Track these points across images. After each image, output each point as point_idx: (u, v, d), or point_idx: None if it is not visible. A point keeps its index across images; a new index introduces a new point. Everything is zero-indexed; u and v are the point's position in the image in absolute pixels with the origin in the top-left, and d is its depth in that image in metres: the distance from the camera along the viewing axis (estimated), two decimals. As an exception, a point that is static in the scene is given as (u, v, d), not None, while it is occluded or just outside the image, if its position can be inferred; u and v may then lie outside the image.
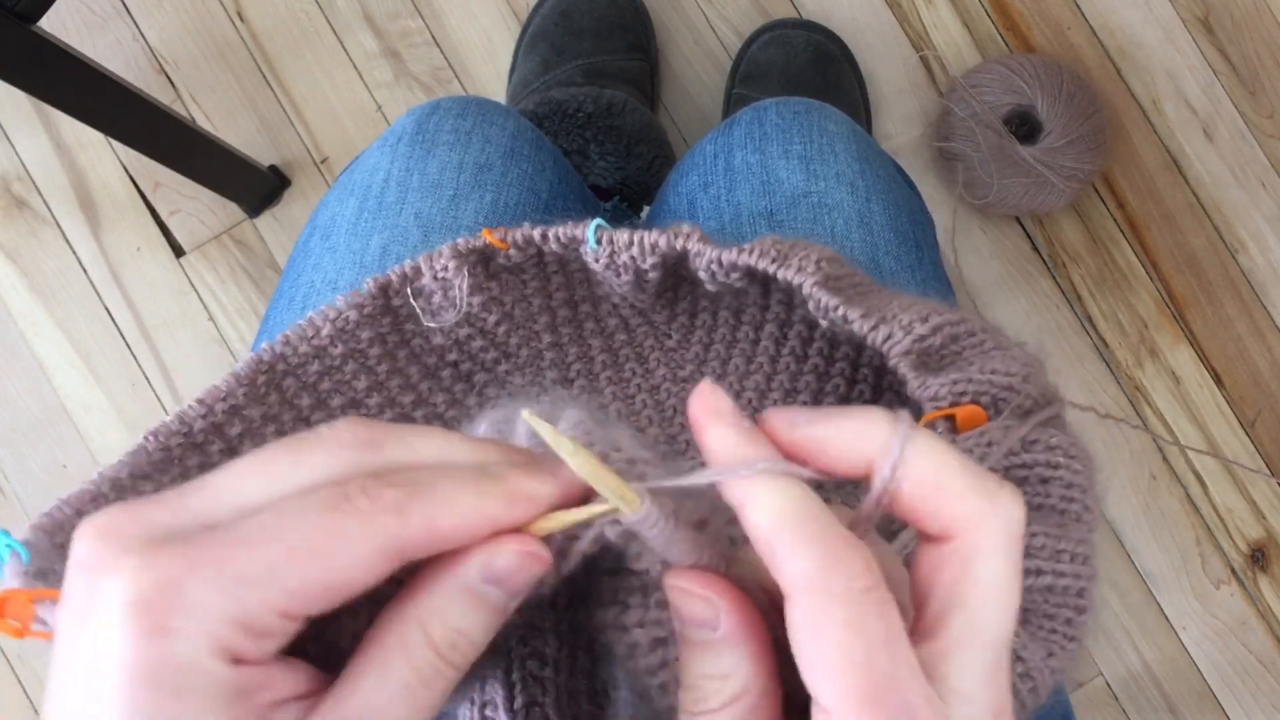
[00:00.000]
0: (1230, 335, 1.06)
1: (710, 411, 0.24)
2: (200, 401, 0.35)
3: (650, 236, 0.37)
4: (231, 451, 0.35)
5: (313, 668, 0.23)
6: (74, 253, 1.07)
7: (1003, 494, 0.22)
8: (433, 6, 1.07)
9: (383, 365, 0.40)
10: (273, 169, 1.05)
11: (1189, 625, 1.05)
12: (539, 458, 0.25)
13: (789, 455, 0.23)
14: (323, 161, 1.07)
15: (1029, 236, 1.06)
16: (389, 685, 0.22)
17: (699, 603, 0.23)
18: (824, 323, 0.34)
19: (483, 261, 0.40)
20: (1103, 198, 1.06)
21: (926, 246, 0.54)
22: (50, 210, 1.07)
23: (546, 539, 0.24)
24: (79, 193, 1.07)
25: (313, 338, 0.37)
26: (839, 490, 0.39)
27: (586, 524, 0.24)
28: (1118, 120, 1.06)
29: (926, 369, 0.32)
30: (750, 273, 0.37)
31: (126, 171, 1.07)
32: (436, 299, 0.39)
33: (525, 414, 0.24)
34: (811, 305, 0.34)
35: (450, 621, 0.23)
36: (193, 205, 1.06)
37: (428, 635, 0.22)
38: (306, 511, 0.21)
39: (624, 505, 0.22)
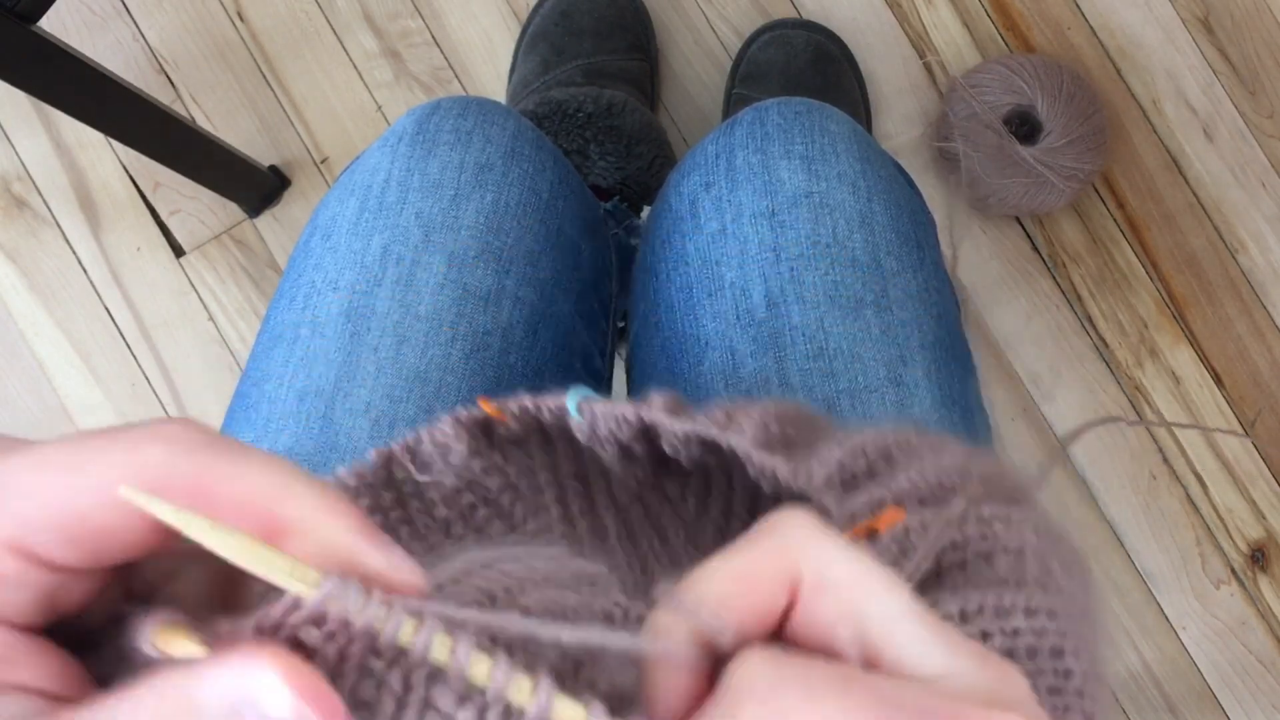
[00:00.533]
0: (1230, 335, 1.06)
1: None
2: None
3: (620, 409, 0.36)
4: None
5: (72, 661, 0.21)
6: (74, 253, 1.07)
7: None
8: (433, 6, 1.07)
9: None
10: (273, 169, 1.05)
11: (1189, 625, 1.05)
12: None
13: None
14: (323, 161, 1.07)
15: (1029, 236, 1.06)
16: None
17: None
18: (764, 485, 0.33)
19: (485, 431, 0.38)
20: (1103, 198, 1.06)
21: (928, 246, 0.54)
22: (50, 210, 1.07)
23: None
24: (79, 193, 1.07)
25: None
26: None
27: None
28: (1118, 120, 1.06)
29: (849, 492, 0.31)
30: (703, 447, 0.35)
31: (126, 171, 1.07)
32: (437, 467, 0.38)
33: (122, 490, 0.20)
34: (752, 470, 0.33)
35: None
36: (193, 205, 1.06)
37: None
38: (68, 460, 0.20)
39: (294, 584, 0.19)
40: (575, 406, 0.37)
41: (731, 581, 0.21)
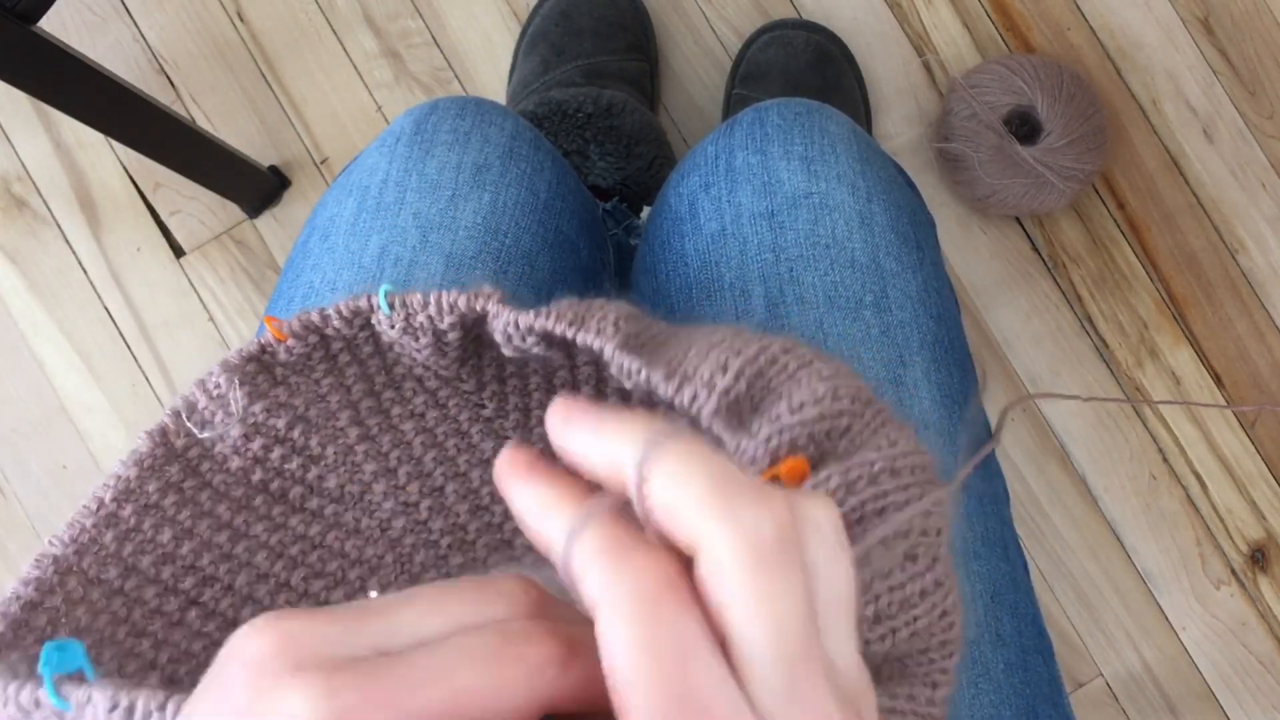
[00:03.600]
0: (1230, 336, 1.06)
1: (509, 472, 0.24)
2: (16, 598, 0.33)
3: (448, 296, 0.36)
4: (46, 638, 0.34)
5: None
6: (74, 253, 1.07)
7: (745, 509, 0.21)
8: (433, 7, 1.07)
9: (184, 512, 0.38)
10: (273, 169, 1.05)
11: (1189, 626, 1.05)
12: None
13: (562, 457, 0.24)
14: (323, 162, 1.07)
15: (1029, 237, 1.06)
16: None
17: None
18: (628, 385, 0.33)
19: (264, 370, 0.39)
20: (1103, 198, 1.06)
21: (928, 247, 0.54)
22: (50, 210, 1.07)
23: None
24: (79, 193, 1.07)
25: (98, 509, 0.36)
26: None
27: None
28: (1118, 120, 1.06)
29: (740, 422, 0.31)
30: (548, 338, 0.36)
31: (126, 172, 1.07)
32: (219, 419, 0.38)
33: None
34: (614, 369, 0.33)
35: None
36: (193, 206, 1.06)
37: None
38: (474, 652, 0.21)
39: None
40: (385, 299, 0.37)
41: (596, 444, 0.23)
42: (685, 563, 0.22)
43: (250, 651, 0.21)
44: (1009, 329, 1.06)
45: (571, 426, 0.24)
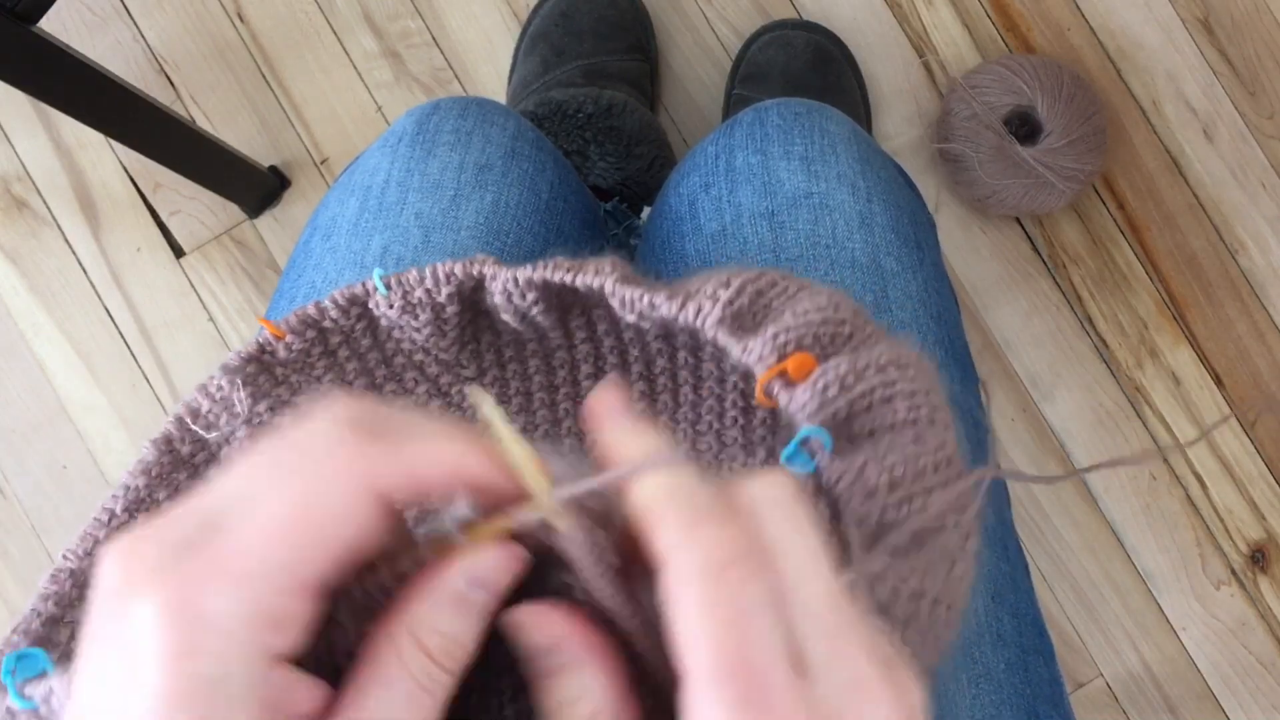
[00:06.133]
0: (1230, 336, 1.06)
1: (604, 410, 0.26)
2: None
3: (444, 266, 0.37)
4: None
5: (327, 686, 0.24)
6: (74, 253, 1.07)
7: (705, 528, 0.22)
8: (433, 7, 1.07)
9: None
10: (273, 169, 1.05)
11: (1189, 626, 1.05)
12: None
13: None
14: (323, 162, 1.07)
15: (1029, 237, 1.06)
16: (394, 696, 0.23)
17: (539, 633, 0.24)
18: (631, 317, 0.34)
19: (264, 370, 0.39)
20: (1103, 198, 1.06)
21: (928, 247, 0.54)
22: (50, 211, 1.07)
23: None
24: (79, 193, 1.07)
25: (110, 521, 0.36)
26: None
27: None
28: (1118, 121, 1.06)
29: (744, 331, 0.32)
30: (548, 300, 0.36)
31: (126, 172, 1.07)
32: (224, 421, 0.38)
33: (471, 391, 0.25)
34: (617, 303, 0.34)
35: (441, 628, 0.23)
36: (193, 206, 1.06)
37: (421, 644, 0.23)
38: (279, 481, 0.22)
39: (554, 518, 0.23)
40: (381, 280, 0.37)
41: (621, 450, 0.26)
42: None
43: (101, 583, 0.22)
44: (1009, 329, 1.06)
45: (609, 424, 0.26)
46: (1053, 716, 0.48)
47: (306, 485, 0.22)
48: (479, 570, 0.24)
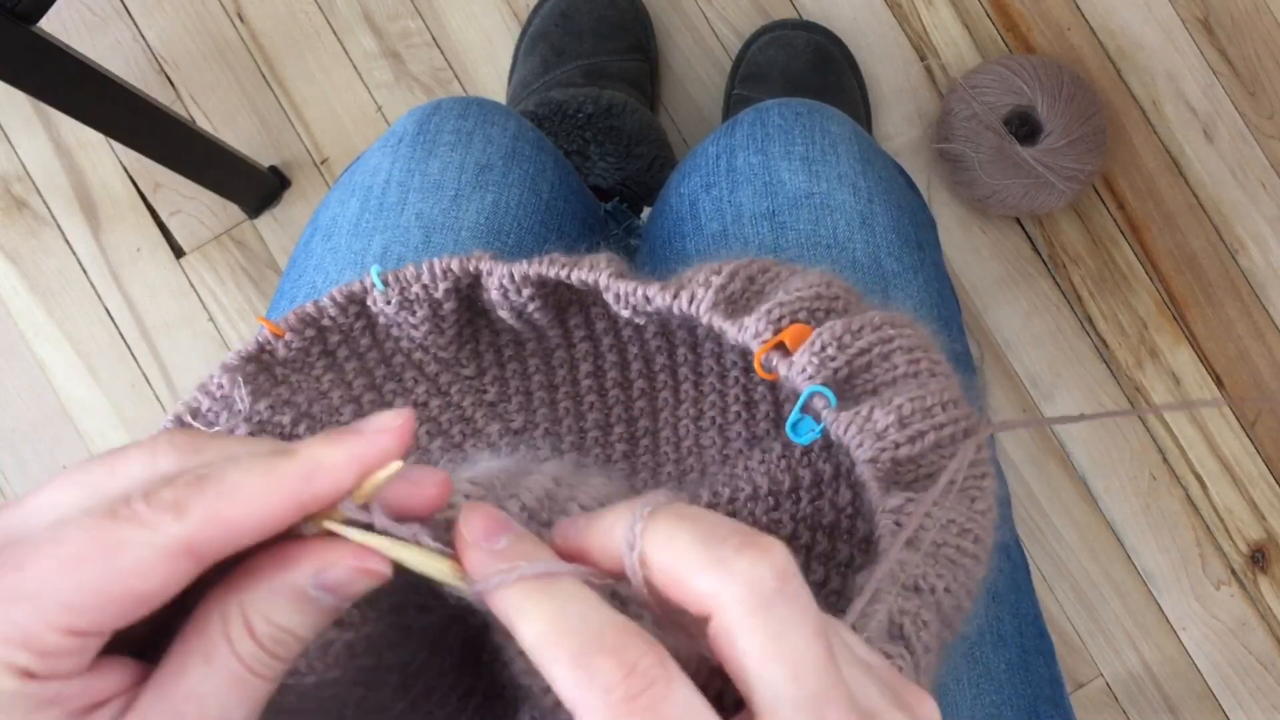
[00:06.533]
0: (1230, 336, 1.06)
1: (472, 540, 0.23)
2: None
3: (441, 262, 0.37)
4: None
5: (139, 663, 0.23)
6: (74, 253, 1.07)
7: (739, 559, 0.22)
8: (433, 7, 1.07)
9: None
10: (273, 169, 1.05)
11: (1189, 626, 1.05)
12: (348, 429, 0.24)
13: (572, 560, 0.24)
14: (323, 162, 1.07)
15: (1029, 237, 1.06)
16: (215, 674, 0.22)
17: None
18: (626, 312, 0.34)
19: (264, 369, 0.39)
20: (1103, 198, 1.06)
21: (928, 247, 0.54)
22: (50, 211, 1.07)
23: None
24: (79, 193, 1.07)
25: None
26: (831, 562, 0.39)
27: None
28: (1118, 121, 1.06)
29: (738, 314, 0.33)
30: (544, 298, 0.36)
31: (126, 172, 1.07)
32: (224, 420, 0.38)
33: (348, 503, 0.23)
34: (611, 298, 0.34)
35: (276, 619, 0.22)
36: (193, 206, 1.06)
37: (251, 629, 0.22)
38: (84, 522, 0.21)
39: (455, 580, 0.23)
40: (378, 277, 0.37)
41: (593, 534, 0.24)
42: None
43: None
44: (1009, 329, 1.06)
45: (574, 528, 0.25)
46: (1053, 716, 0.48)
47: (103, 542, 0.20)
48: (329, 576, 0.23)
